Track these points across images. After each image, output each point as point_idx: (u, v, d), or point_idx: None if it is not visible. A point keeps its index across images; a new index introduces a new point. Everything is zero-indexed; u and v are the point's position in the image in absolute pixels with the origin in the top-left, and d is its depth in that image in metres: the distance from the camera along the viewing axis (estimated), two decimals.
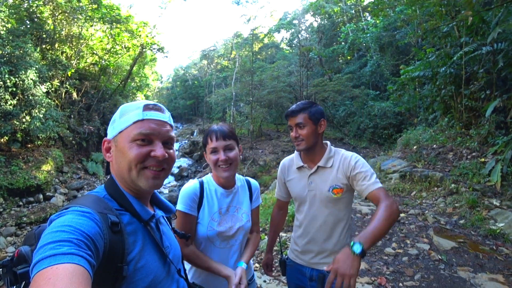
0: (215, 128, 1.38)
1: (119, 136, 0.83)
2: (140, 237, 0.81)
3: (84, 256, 0.58)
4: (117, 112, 0.87)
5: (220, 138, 1.34)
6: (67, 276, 0.53)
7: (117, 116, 0.86)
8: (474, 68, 6.75)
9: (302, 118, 1.52)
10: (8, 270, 0.70)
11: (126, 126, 0.82)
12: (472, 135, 6.41)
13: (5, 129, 9.11)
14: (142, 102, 0.86)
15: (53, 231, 0.61)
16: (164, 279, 0.86)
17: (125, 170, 0.81)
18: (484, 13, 6.01)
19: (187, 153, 20.05)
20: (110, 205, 0.79)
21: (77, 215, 0.67)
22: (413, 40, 12.35)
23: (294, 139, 1.57)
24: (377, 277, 3.11)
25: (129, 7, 17.79)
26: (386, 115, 14.15)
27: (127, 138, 0.81)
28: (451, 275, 3.08)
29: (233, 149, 1.37)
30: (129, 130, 0.81)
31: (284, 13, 27.40)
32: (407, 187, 6.12)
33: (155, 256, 0.83)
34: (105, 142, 0.87)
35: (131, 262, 0.75)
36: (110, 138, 0.86)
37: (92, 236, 0.64)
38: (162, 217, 0.99)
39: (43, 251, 0.57)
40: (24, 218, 8.92)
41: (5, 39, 9.45)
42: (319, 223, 1.58)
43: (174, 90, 46.02)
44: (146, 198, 0.92)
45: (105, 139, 0.87)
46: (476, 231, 4.10)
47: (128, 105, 0.87)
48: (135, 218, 0.83)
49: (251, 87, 17.64)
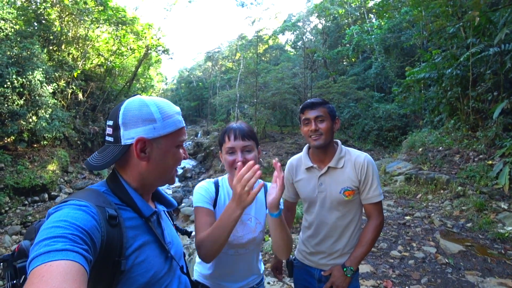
0: (234, 126, 1.26)
1: (163, 138, 0.83)
2: (140, 232, 0.80)
3: (79, 252, 0.57)
4: (153, 110, 0.81)
5: (238, 137, 1.22)
6: (61, 273, 0.52)
7: (158, 116, 0.81)
8: (481, 70, 6.67)
9: (322, 111, 1.45)
10: (9, 265, 0.70)
11: (172, 131, 0.84)
12: (479, 137, 6.32)
13: (12, 129, 9.20)
14: (176, 107, 0.90)
15: (48, 227, 0.60)
16: (165, 275, 0.84)
17: (167, 171, 0.87)
18: (491, 14, 5.95)
19: (191, 154, 20.08)
20: (109, 199, 0.78)
21: (73, 209, 0.66)
22: (418, 42, 12.27)
23: (311, 133, 1.45)
24: (383, 280, 3.06)
25: (135, 9, 18.01)
26: (391, 117, 14.04)
27: (174, 142, 0.86)
28: (459, 279, 3.02)
29: (252, 151, 1.24)
30: (175, 136, 0.86)
31: (289, 15, 27.47)
32: (412, 190, 6.05)
33: (156, 251, 0.82)
34: (140, 142, 0.80)
35: (130, 257, 0.74)
36: (149, 138, 0.81)
37: (88, 230, 0.63)
38: (163, 212, 0.98)
39: (38, 247, 0.56)
40: (29, 217, 8.98)
41: (13, 41, 9.57)
42: (329, 225, 1.53)
43: (178, 92, 46.26)
44: (149, 194, 0.92)
45: (141, 137, 0.79)
46: (484, 234, 4.02)
47: (166, 105, 0.85)
48: (136, 214, 0.82)
49: (255, 88, 17.65)
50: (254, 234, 1.33)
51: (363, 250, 1.46)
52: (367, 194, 1.48)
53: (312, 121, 1.46)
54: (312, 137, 1.47)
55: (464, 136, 6.88)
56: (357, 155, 1.52)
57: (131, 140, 0.79)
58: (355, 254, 1.46)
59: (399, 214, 5.05)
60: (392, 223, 4.63)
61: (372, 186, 1.46)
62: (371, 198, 1.47)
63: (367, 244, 1.46)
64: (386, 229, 4.39)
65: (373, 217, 1.50)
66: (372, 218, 1.50)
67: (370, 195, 1.47)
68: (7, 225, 8.51)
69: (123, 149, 0.80)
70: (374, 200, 1.48)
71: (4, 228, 8.37)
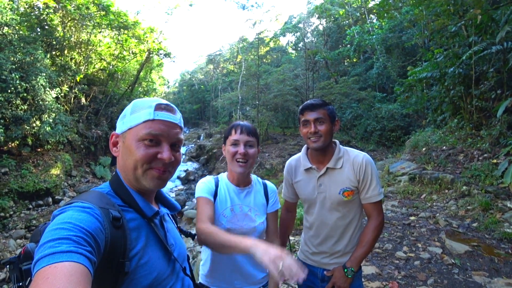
0: (240, 123, 1.41)
1: (128, 132, 0.82)
2: (143, 233, 0.80)
3: (84, 253, 0.58)
4: (128, 107, 0.86)
5: (244, 132, 1.36)
6: (66, 275, 0.52)
7: (128, 112, 0.84)
8: (483, 68, 6.64)
9: (322, 113, 1.45)
10: (15, 267, 0.71)
11: (136, 124, 0.81)
12: (483, 136, 6.27)
13: (16, 133, 9.28)
14: (154, 100, 0.84)
15: (53, 229, 0.61)
16: (168, 277, 0.84)
17: (130, 168, 0.80)
18: (492, 12, 5.92)
19: (194, 157, 20.12)
20: (113, 201, 0.78)
21: (77, 211, 0.67)
22: (420, 41, 12.24)
23: (310, 135, 1.46)
24: (389, 282, 3.03)
25: (136, 13, 18.10)
26: (393, 117, 14.00)
27: (135, 136, 0.80)
28: (466, 280, 2.98)
29: (254, 147, 1.38)
30: (138, 129, 0.80)
31: (289, 16, 27.55)
32: (416, 190, 6.00)
33: (159, 253, 0.82)
34: (113, 136, 0.85)
35: (134, 258, 0.74)
36: (119, 133, 0.84)
37: (92, 231, 0.64)
38: (167, 215, 0.97)
39: (43, 249, 0.57)
40: (34, 221, 9.02)
41: (17, 46, 9.67)
42: (330, 225, 1.53)
43: (180, 95, 46.42)
44: (150, 196, 0.91)
45: (113, 133, 0.86)
46: (490, 234, 3.97)
47: (140, 101, 0.85)
48: (139, 215, 0.82)
49: (257, 90, 17.68)
50: (254, 224, 1.41)
51: (363, 251, 1.46)
52: (366, 193, 1.47)
53: (311, 123, 1.46)
54: (311, 139, 1.47)
55: (468, 135, 6.83)
56: (355, 155, 1.51)
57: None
58: (356, 255, 1.47)
59: (404, 214, 5.01)
60: (396, 223, 4.60)
61: (371, 186, 1.46)
62: (370, 197, 1.47)
63: (368, 244, 1.46)
64: (391, 230, 4.36)
65: (373, 217, 1.49)
66: (372, 218, 1.49)
67: (369, 195, 1.47)
68: (11, 229, 8.56)
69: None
70: (374, 199, 1.47)
71: (9, 232, 8.42)
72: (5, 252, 7.63)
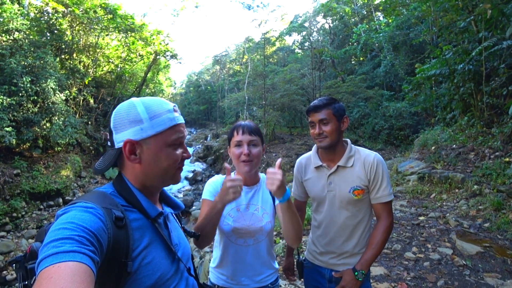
0: (242, 123, 1.40)
1: (152, 139, 0.80)
2: (147, 233, 0.80)
3: (87, 253, 0.58)
4: (139, 110, 0.80)
5: (246, 132, 1.36)
6: (69, 274, 0.53)
7: (145, 117, 0.79)
8: (494, 64, 6.48)
9: (326, 114, 1.45)
10: (21, 266, 0.72)
11: (162, 130, 0.81)
12: (495, 134, 6.12)
13: (27, 135, 9.50)
14: (167, 104, 0.85)
15: (56, 229, 0.61)
16: (172, 277, 0.84)
17: (161, 172, 0.83)
18: (503, 6, 5.77)
19: (201, 158, 20.21)
20: (116, 201, 0.78)
21: (80, 211, 0.67)
22: (428, 38, 12.03)
23: (316, 136, 1.49)
24: (398, 283, 2.98)
25: (143, 16, 18.28)
26: (401, 116, 13.78)
27: (164, 142, 0.81)
28: (478, 282, 2.91)
29: (257, 146, 1.38)
30: (166, 135, 0.82)
31: (295, 16, 27.40)
32: (426, 189, 5.90)
33: (163, 253, 0.82)
34: (129, 144, 0.79)
35: (137, 258, 0.74)
36: (137, 139, 0.79)
37: (95, 231, 0.64)
38: (170, 214, 0.98)
39: (46, 249, 0.57)
40: (45, 221, 9.22)
41: (27, 51, 9.91)
42: (338, 225, 1.52)
43: (187, 96, 46.79)
44: (155, 196, 0.91)
45: (128, 139, 0.79)
46: (503, 234, 3.87)
47: (154, 104, 0.82)
48: (142, 215, 0.82)
49: (263, 90, 17.65)
50: (261, 223, 1.40)
51: (373, 253, 1.44)
52: (376, 193, 1.46)
53: (316, 124, 1.47)
54: (317, 139, 1.49)
55: (478, 133, 6.68)
56: (366, 154, 1.50)
57: (121, 143, 0.80)
58: (366, 257, 1.45)
59: (413, 214, 4.93)
60: (405, 223, 4.52)
61: (382, 186, 1.45)
62: (381, 197, 1.46)
63: (377, 247, 1.44)
64: (400, 230, 4.29)
65: (382, 217, 1.47)
66: (381, 219, 1.48)
67: (379, 195, 1.45)
68: (23, 229, 8.77)
69: (117, 153, 0.82)
70: (384, 200, 1.45)
71: (21, 232, 8.63)
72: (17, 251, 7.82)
